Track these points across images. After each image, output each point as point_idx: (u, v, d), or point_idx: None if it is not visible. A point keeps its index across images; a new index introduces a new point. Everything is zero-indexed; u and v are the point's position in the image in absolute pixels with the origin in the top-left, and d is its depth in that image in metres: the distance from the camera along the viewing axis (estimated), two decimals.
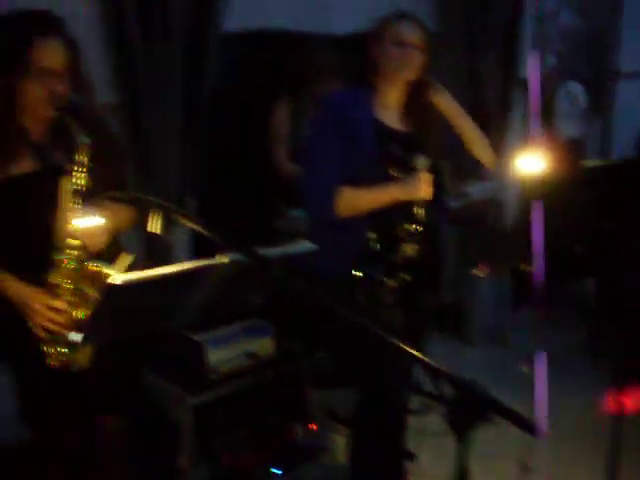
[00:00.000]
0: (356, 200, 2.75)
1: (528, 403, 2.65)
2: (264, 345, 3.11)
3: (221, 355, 2.96)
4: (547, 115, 5.00)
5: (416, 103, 2.88)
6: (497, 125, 4.53)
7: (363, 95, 2.83)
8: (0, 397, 3.02)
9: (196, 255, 3.39)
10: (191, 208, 3.37)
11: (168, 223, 1.77)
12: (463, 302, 4.67)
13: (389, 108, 2.87)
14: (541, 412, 2.58)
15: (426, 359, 1.69)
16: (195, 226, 1.74)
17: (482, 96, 4.40)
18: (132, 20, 3.07)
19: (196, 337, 2.91)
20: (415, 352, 1.65)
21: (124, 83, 3.14)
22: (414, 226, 2.77)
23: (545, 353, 2.85)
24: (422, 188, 2.71)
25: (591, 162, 4.14)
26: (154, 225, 1.77)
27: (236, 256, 1.81)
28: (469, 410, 1.61)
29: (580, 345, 4.56)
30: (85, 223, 2.24)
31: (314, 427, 3.49)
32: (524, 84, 3.99)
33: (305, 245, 1.98)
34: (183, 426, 2.82)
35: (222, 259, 1.83)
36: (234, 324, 3.07)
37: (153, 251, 3.19)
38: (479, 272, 2.60)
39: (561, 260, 2.97)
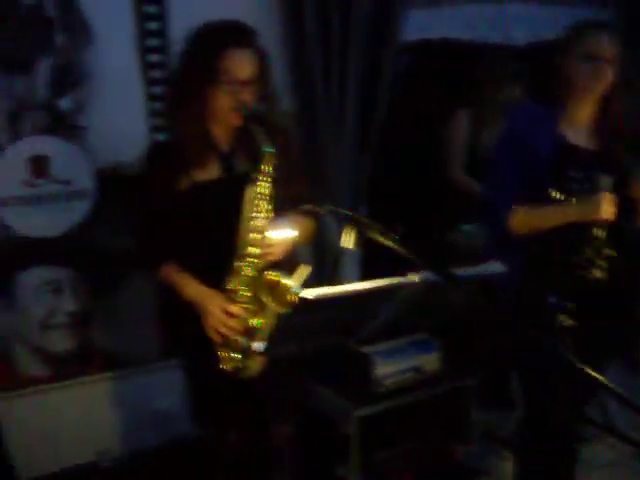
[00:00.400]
0: (531, 218, 2.63)
1: None
2: (430, 360, 3.05)
3: (388, 369, 2.92)
4: None
5: (605, 118, 2.72)
6: None
7: (549, 110, 2.70)
8: (174, 393, 3.16)
9: (364, 269, 3.38)
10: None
11: (362, 237, 1.74)
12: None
13: (577, 124, 2.72)
14: None
15: (617, 389, 1.59)
16: (390, 242, 1.71)
17: None
18: (312, 28, 3.09)
19: (365, 350, 2.89)
20: (604, 380, 1.56)
21: (301, 92, 3.16)
22: (596, 248, 2.62)
23: None
24: (603, 209, 2.55)
25: None
26: (348, 240, 1.76)
27: (428, 275, 1.77)
28: None
29: None
30: (280, 234, 2.26)
31: (476, 448, 3.41)
32: None
33: (495, 266, 1.91)
34: (348, 437, 2.81)
35: (413, 278, 1.80)
36: (401, 338, 3.03)
37: (323, 263, 3.19)
38: None
39: None
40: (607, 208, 2.56)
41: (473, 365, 3.52)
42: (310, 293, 1.71)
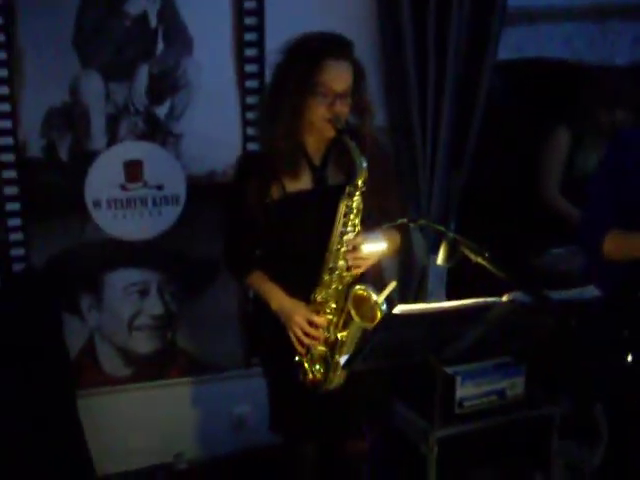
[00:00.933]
0: (627, 243, 2.51)
1: None
2: (514, 385, 2.98)
3: (471, 391, 2.86)
4: None
5: None
6: None
7: None
8: (253, 401, 3.17)
9: (450, 285, 3.33)
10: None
11: (454, 254, 1.71)
12: None
13: None
14: None
15: None
16: (484, 262, 1.68)
17: None
18: (409, 42, 3.07)
19: (449, 370, 2.85)
20: None
21: (396, 106, 3.15)
22: None
23: None
24: None
25: None
26: (440, 256, 1.73)
27: (520, 296, 1.72)
28: None
29: None
30: (371, 247, 2.25)
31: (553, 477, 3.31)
32: None
33: (590, 291, 1.84)
34: (426, 458, 2.77)
35: (504, 298, 1.75)
36: (486, 360, 2.97)
37: (409, 279, 3.16)
38: None
39: None
40: None
41: (558, 392, 3.43)
42: (397, 309, 1.68)
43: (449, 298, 3.09)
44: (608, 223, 2.55)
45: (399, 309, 1.65)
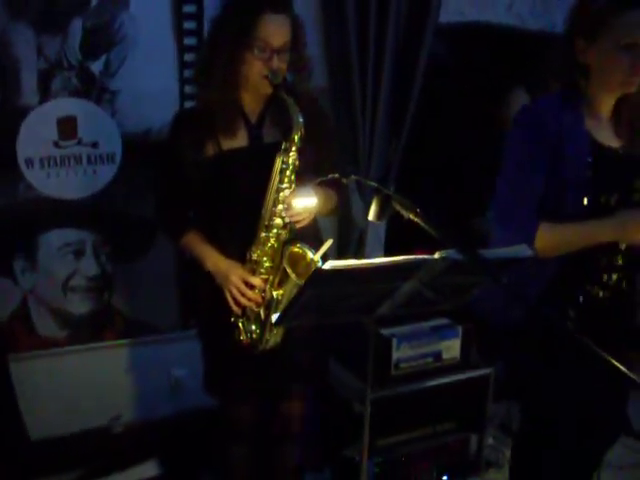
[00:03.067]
0: (560, 239, 2.21)
1: None
2: (450, 347, 3.01)
3: (407, 353, 2.90)
4: None
5: (630, 113, 2.28)
6: None
7: (572, 104, 2.24)
8: (191, 363, 3.14)
9: (388, 245, 3.34)
10: None
11: (387, 211, 1.70)
12: None
13: (600, 119, 2.30)
14: None
15: None
16: (416, 217, 1.67)
17: None
18: (349, 3, 3.04)
19: (385, 332, 2.86)
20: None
21: (336, 65, 3.11)
22: (619, 263, 2.30)
23: None
24: None
25: None
26: (373, 212, 1.71)
27: (453, 254, 1.72)
28: None
29: None
30: (302, 203, 2.22)
31: (489, 439, 3.37)
32: None
33: (523, 250, 1.85)
34: (362, 418, 2.78)
35: (436, 255, 1.75)
36: (423, 322, 3.00)
37: (347, 238, 3.16)
38: None
39: None
40: None
41: (493, 355, 3.48)
42: (327, 264, 1.66)
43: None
44: (534, 216, 2.23)
45: (329, 265, 1.64)
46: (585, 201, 2.21)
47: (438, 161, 3.97)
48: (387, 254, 3.29)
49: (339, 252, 3.22)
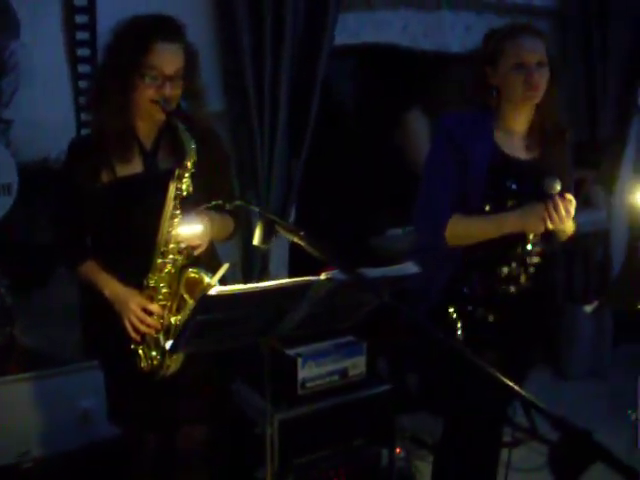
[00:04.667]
0: (467, 229, 2.54)
1: (627, 441, 2.48)
2: (356, 364, 3.06)
3: (313, 371, 2.92)
4: None
5: (541, 125, 2.60)
6: (612, 154, 4.35)
7: (482, 118, 2.58)
8: (96, 394, 3.09)
9: (292, 267, 3.37)
10: (291, 218, 3.34)
11: (271, 235, 1.72)
12: (563, 334, 4.50)
13: (512, 133, 2.59)
14: None
15: (530, 397, 1.58)
16: (299, 240, 1.70)
17: (599, 124, 4.22)
18: (244, 27, 3.07)
19: (290, 352, 2.89)
20: (515, 387, 1.55)
21: (233, 91, 3.14)
22: (527, 259, 2.58)
23: None
24: (543, 220, 2.42)
25: None
26: (257, 236, 1.74)
27: (337, 275, 1.75)
28: (574, 457, 1.51)
29: None
30: (186, 230, 2.24)
31: (399, 452, 3.41)
32: None
33: (409, 267, 1.90)
34: (269, 440, 2.79)
35: (322, 277, 1.78)
36: (328, 340, 3.03)
37: (250, 262, 3.17)
38: (588, 308, 2.43)
39: None
40: (549, 218, 2.42)
41: (399, 369, 3.54)
42: (213, 290, 1.68)
43: None
44: (447, 210, 2.55)
45: (215, 290, 1.66)
46: (487, 207, 2.53)
47: (338, 182, 4.03)
48: (292, 274, 3.32)
49: (244, 275, 3.23)
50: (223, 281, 2.26)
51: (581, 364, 4.52)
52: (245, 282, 2.92)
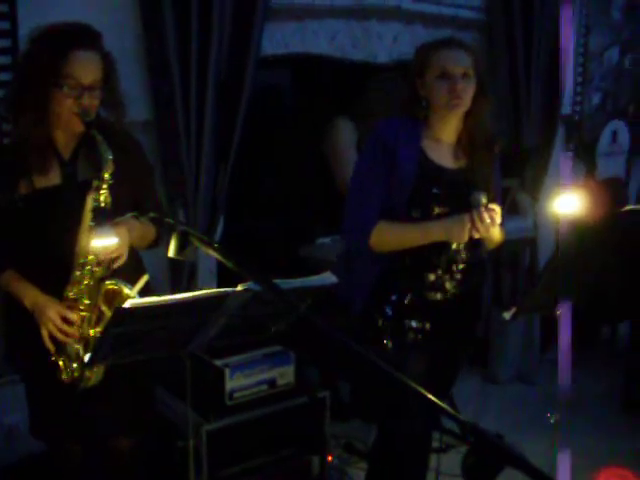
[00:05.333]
0: (392, 236, 2.61)
1: (550, 444, 2.53)
2: (285, 373, 3.06)
3: (241, 382, 2.92)
4: (589, 154, 4.90)
5: (470, 136, 2.67)
6: (537, 162, 4.44)
7: (412, 125, 2.65)
8: (17, 410, 3.03)
9: (221, 278, 3.35)
10: (220, 228, 3.33)
11: (189, 247, 1.72)
12: (492, 339, 4.58)
13: (441, 142, 2.67)
14: (564, 462, 2.46)
15: (447, 408, 1.59)
16: (214, 253, 1.70)
17: (524, 133, 4.32)
18: (170, 35, 3.05)
19: (217, 362, 2.87)
20: (434, 398, 1.57)
21: (158, 100, 3.12)
22: (453, 266, 2.64)
23: (572, 398, 2.74)
24: (466, 230, 2.49)
25: (631, 206, 4.03)
26: (172, 248, 1.73)
27: (254, 285, 1.76)
28: (487, 462, 1.54)
29: (612, 391, 4.43)
30: (100, 242, 2.21)
31: (330, 459, 3.42)
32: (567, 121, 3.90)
33: (327, 277, 1.92)
34: (197, 452, 2.78)
35: (239, 287, 1.78)
36: (256, 350, 3.03)
37: (177, 273, 3.15)
38: (507, 314, 2.49)
39: (596, 302, 2.84)
40: (473, 229, 2.49)
41: (329, 377, 3.55)
42: (128, 303, 1.67)
43: None
44: (374, 216, 2.61)
45: (129, 303, 1.64)
46: (414, 213, 2.60)
47: (267, 191, 4.04)
48: (221, 285, 3.31)
49: (172, 286, 3.20)
50: (148, 292, 2.25)
51: (509, 369, 4.60)
52: (172, 293, 2.90)
